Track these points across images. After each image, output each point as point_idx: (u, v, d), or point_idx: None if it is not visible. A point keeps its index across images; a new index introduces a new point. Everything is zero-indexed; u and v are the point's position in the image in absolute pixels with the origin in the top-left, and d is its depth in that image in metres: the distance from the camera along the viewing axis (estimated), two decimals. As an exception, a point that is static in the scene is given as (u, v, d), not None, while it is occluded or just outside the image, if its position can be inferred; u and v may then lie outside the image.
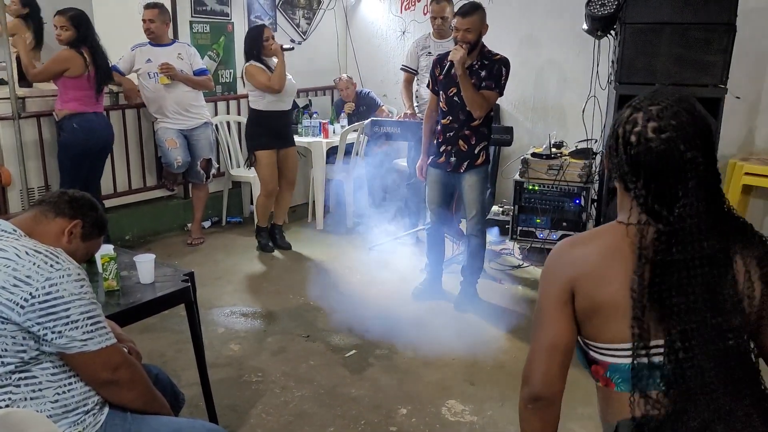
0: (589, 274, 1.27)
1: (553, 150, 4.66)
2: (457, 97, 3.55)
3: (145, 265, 2.29)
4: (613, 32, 4.08)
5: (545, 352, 1.30)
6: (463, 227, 4.60)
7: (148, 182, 5.08)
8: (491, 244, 4.34)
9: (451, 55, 3.44)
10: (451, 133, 3.63)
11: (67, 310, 1.46)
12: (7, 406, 1.46)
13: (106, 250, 2.20)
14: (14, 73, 4.12)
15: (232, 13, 5.42)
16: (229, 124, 5.43)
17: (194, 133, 4.73)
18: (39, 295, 1.44)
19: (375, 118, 4.98)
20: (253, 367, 3.13)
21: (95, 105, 4.19)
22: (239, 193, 5.63)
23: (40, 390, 1.51)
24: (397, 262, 4.54)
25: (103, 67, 4.15)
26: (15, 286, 1.43)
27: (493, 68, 3.50)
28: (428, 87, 3.83)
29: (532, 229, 4.63)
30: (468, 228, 3.82)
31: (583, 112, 4.64)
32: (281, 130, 4.64)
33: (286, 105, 4.62)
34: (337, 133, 5.43)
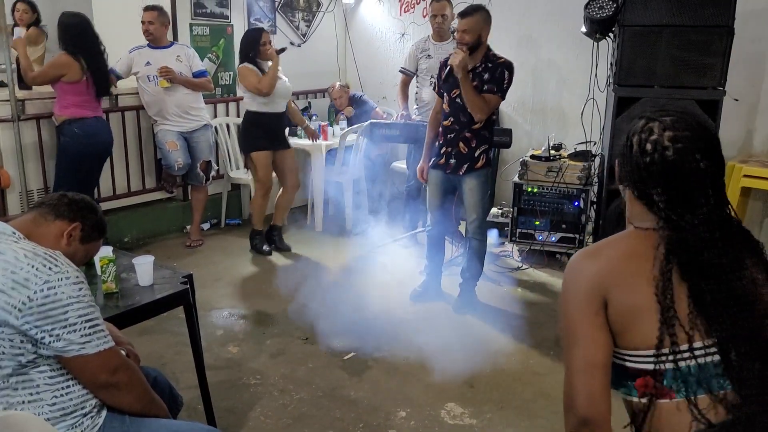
0: (618, 278, 1.25)
1: (552, 152, 4.66)
2: (459, 99, 3.55)
3: (144, 268, 2.29)
4: (611, 35, 4.09)
5: (584, 371, 1.24)
6: (463, 229, 4.61)
7: (147, 184, 5.08)
8: (490, 246, 4.34)
9: (451, 59, 3.44)
10: (452, 135, 3.64)
11: (65, 313, 1.46)
12: (5, 410, 1.46)
13: (105, 252, 2.20)
14: (14, 75, 4.12)
15: (232, 16, 5.42)
16: (228, 126, 5.43)
17: (194, 135, 4.73)
18: (37, 299, 1.44)
19: (374, 121, 4.98)
20: (252, 370, 3.13)
21: (95, 109, 4.19)
22: (238, 195, 5.63)
23: (38, 393, 1.50)
24: (396, 265, 4.54)
25: (100, 76, 4.12)
26: (13, 289, 1.43)
27: (496, 71, 3.49)
28: (434, 89, 3.84)
29: (531, 231, 4.63)
30: (469, 231, 3.83)
31: (582, 114, 4.65)
32: (275, 132, 4.64)
33: (278, 107, 4.60)
34: (337, 136, 5.43)
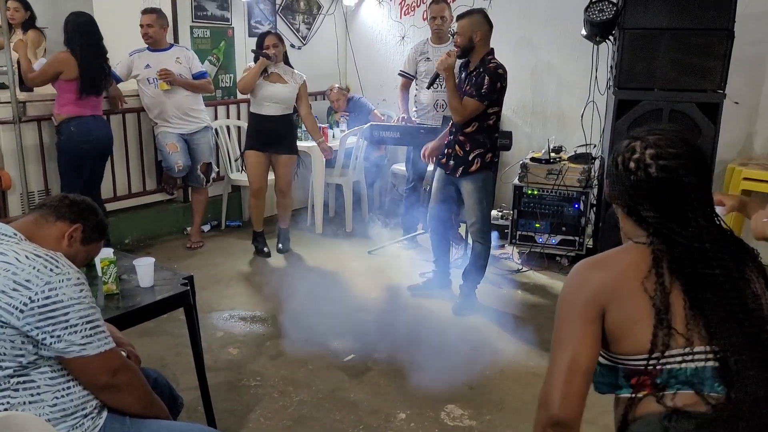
0: (619, 290, 1.29)
1: (552, 155, 4.67)
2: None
3: (145, 269, 2.30)
4: (611, 37, 4.10)
5: (565, 373, 1.28)
6: (463, 231, 4.61)
7: (147, 186, 5.09)
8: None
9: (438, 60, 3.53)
10: (452, 137, 3.72)
11: (66, 314, 1.47)
12: (6, 410, 1.46)
13: (106, 253, 2.20)
14: (15, 77, 4.13)
15: (233, 19, 5.43)
16: (228, 128, 5.44)
17: (194, 137, 4.74)
18: (38, 300, 1.44)
19: (374, 123, 4.99)
20: (252, 371, 3.13)
21: (93, 108, 4.19)
22: (239, 197, 5.64)
23: (39, 394, 1.51)
24: (396, 266, 4.55)
25: (88, 75, 4.07)
26: (14, 290, 1.44)
27: (483, 76, 3.52)
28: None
29: (532, 234, 4.64)
30: (470, 234, 3.84)
31: (582, 116, 4.65)
32: (269, 135, 4.56)
33: (265, 110, 4.51)
34: (337, 138, 5.44)
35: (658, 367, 1.27)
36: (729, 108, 3.85)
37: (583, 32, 4.10)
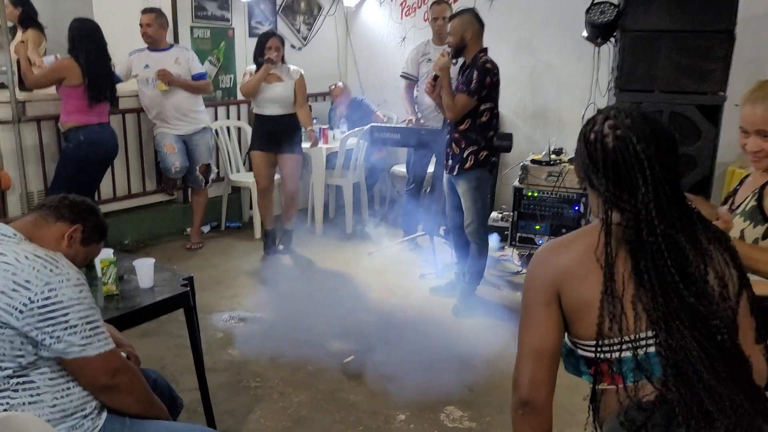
0: (573, 272, 1.30)
1: (553, 156, 4.67)
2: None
3: (145, 270, 2.29)
4: (612, 39, 4.09)
5: (531, 357, 1.32)
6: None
7: (147, 187, 5.08)
8: (490, 250, 4.33)
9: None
10: (448, 136, 3.77)
11: (66, 315, 1.46)
12: (5, 411, 1.46)
13: (106, 254, 2.20)
14: (15, 77, 4.13)
15: (233, 19, 5.43)
16: (228, 129, 5.44)
17: (193, 138, 4.74)
18: (38, 300, 1.44)
19: (374, 124, 4.98)
20: (252, 372, 3.12)
21: (100, 116, 4.16)
22: (239, 198, 5.63)
23: (39, 395, 1.50)
24: (396, 268, 4.54)
25: (95, 82, 4.05)
26: (14, 290, 1.43)
27: (472, 72, 3.56)
28: None
29: (531, 236, 4.63)
30: (467, 234, 3.83)
31: (583, 118, 4.63)
32: (273, 135, 4.58)
33: (267, 110, 4.55)
34: (337, 139, 5.44)
35: (607, 355, 1.26)
36: (730, 110, 3.84)
37: (584, 34, 4.10)
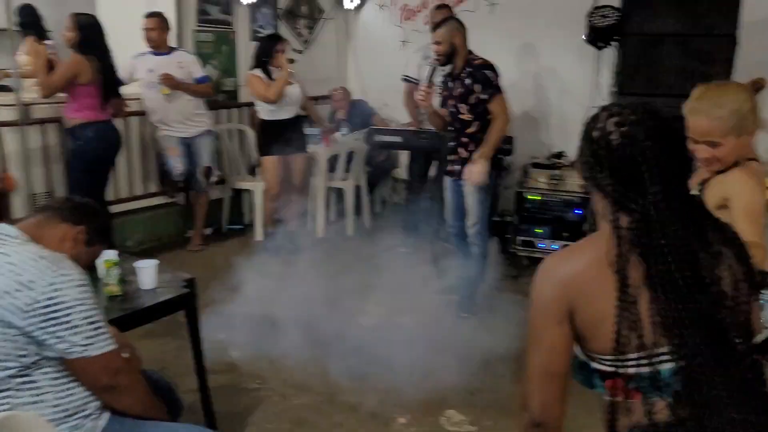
0: (585, 285, 1.23)
1: (554, 160, 4.67)
2: (453, 108, 3.63)
3: (147, 271, 2.30)
4: (614, 43, 4.10)
5: (542, 378, 1.27)
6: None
7: (149, 189, 5.09)
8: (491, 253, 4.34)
9: (472, 176, 3.55)
10: (454, 143, 3.71)
11: (69, 315, 1.47)
12: (8, 410, 1.46)
13: (109, 255, 2.20)
14: (20, 80, 4.14)
15: (236, 23, 5.44)
16: (230, 132, 5.45)
17: (195, 141, 4.75)
18: (42, 300, 1.44)
19: (374, 127, 4.99)
20: (253, 374, 3.13)
21: (105, 113, 4.17)
22: (240, 201, 5.64)
23: (41, 395, 1.51)
24: (397, 270, 4.53)
25: (109, 78, 4.10)
26: (18, 290, 1.44)
27: (477, 75, 3.54)
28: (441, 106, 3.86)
29: (533, 239, 4.63)
30: (468, 236, 3.83)
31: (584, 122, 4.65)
32: (288, 138, 4.66)
33: (287, 113, 4.65)
34: (339, 141, 5.44)
35: (626, 370, 1.20)
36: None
37: (586, 37, 4.11)
